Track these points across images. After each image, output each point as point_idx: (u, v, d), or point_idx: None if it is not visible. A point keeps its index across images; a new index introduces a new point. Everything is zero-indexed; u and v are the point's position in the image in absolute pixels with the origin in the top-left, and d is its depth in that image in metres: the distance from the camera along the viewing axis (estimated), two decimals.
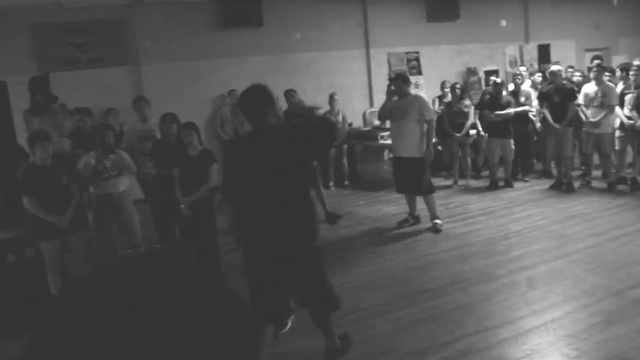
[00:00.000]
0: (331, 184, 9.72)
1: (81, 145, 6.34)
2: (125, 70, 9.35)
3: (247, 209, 3.52)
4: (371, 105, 11.50)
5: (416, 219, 7.29)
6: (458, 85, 9.45)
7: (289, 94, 7.79)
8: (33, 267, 5.09)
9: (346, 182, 9.89)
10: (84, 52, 9.04)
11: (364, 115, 11.40)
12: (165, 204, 5.93)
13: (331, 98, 9.54)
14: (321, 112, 7.17)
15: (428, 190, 6.97)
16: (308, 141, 3.42)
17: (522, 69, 9.81)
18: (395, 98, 6.91)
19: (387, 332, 4.39)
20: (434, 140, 7.23)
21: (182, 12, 9.72)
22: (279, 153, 3.34)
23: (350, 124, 10.23)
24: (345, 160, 9.93)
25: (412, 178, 6.91)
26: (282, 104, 7.73)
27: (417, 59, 12.09)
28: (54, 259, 4.97)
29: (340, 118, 9.66)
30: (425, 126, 6.81)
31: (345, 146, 9.90)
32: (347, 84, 11.23)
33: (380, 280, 5.50)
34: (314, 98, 9.99)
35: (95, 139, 5.79)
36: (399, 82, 6.95)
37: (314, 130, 3.49)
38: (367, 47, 11.54)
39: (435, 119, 7.25)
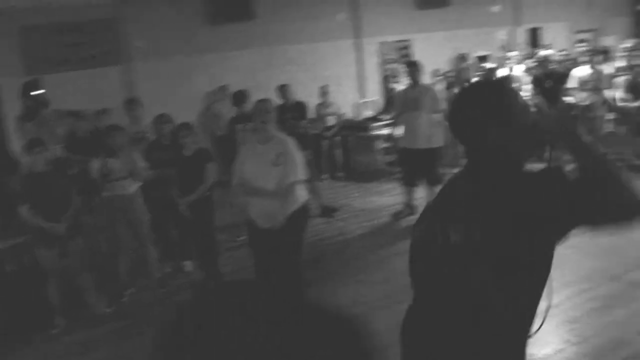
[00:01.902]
0: (325, 176, 9.70)
1: (75, 149, 6.31)
2: (118, 70, 9.30)
3: (419, 300, 2.14)
4: (363, 95, 11.47)
5: (412, 209, 7.27)
6: (450, 74, 9.44)
7: (284, 88, 7.80)
8: (32, 275, 5.09)
9: (340, 174, 9.88)
10: (75, 52, 8.98)
11: (355, 105, 11.38)
12: (161, 204, 5.91)
13: (323, 90, 9.53)
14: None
15: (438, 181, 6.96)
16: (557, 215, 1.73)
17: (512, 53, 9.79)
18: (402, 88, 6.84)
19: (390, 326, 4.36)
20: None
21: (172, 8, 9.64)
22: (481, 226, 1.85)
23: (342, 115, 10.21)
24: (338, 152, 9.92)
25: (426, 169, 6.89)
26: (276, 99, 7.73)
27: (408, 47, 12.05)
28: (52, 266, 4.97)
29: (332, 110, 9.65)
30: (438, 117, 6.76)
31: (338, 138, 9.87)
32: (339, 75, 11.19)
33: (379, 272, 5.51)
34: (307, 89, 9.99)
35: (95, 142, 5.76)
36: (415, 67, 6.92)
37: (581, 196, 1.75)
38: (359, 36, 11.50)
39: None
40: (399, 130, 7.18)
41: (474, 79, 9.43)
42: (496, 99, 1.81)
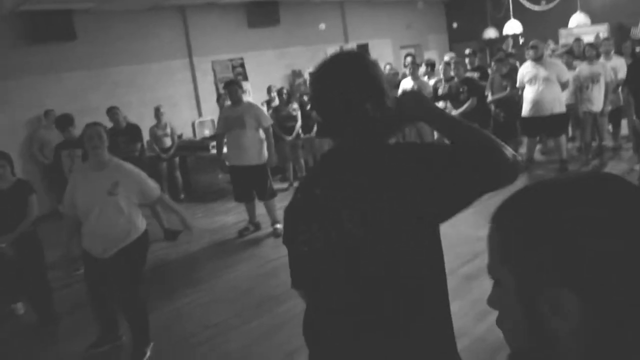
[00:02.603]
0: None
1: None
2: None
3: (323, 299, 1.85)
4: (200, 114, 11.30)
5: (257, 226, 7.26)
6: (285, 90, 9.56)
7: (112, 111, 7.39)
8: None
9: (182, 196, 9.61)
10: None
11: (193, 125, 11.17)
12: None
13: (157, 111, 9.22)
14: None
15: (271, 195, 6.99)
16: (447, 179, 1.71)
17: None
18: (227, 104, 6.82)
19: (243, 344, 4.30)
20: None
21: None
22: (376, 196, 1.69)
23: (180, 136, 9.96)
24: (178, 173, 9.64)
25: (255, 185, 6.90)
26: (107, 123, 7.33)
27: (242, 65, 12.08)
28: None
29: (168, 131, 9.38)
30: (262, 133, 6.82)
31: (177, 159, 9.61)
32: (173, 95, 10.92)
33: (228, 292, 5.39)
34: (139, 111, 9.62)
35: None
36: (234, 87, 6.88)
37: (463, 160, 1.75)
38: (190, 56, 11.32)
39: (271, 124, 7.21)
40: (225, 149, 7.19)
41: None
42: (365, 72, 1.72)
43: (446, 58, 9.46)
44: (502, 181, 1.64)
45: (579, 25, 12.34)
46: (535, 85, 7.83)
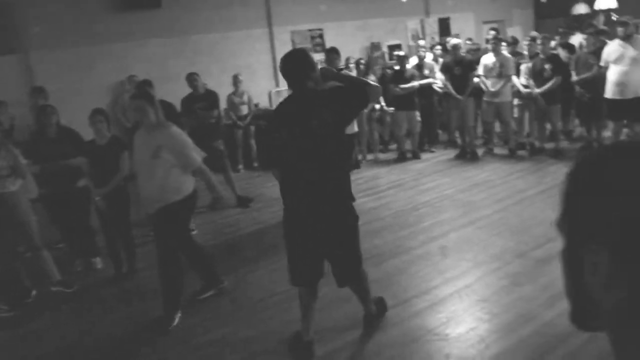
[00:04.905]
0: (240, 166, 9.56)
1: None
2: (14, 59, 8.73)
3: (289, 173, 3.56)
4: (277, 84, 11.38)
5: None
6: (362, 61, 9.46)
7: (192, 77, 7.52)
8: None
9: (255, 164, 9.76)
10: None
11: (269, 95, 11.27)
12: (54, 200, 5.62)
13: (235, 79, 9.35)
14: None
15: (354, 166, 7.22)
16: (344, 105, 3.50)
17: (422, 42, 9.97)
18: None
19: None
20: None
21: None
22: (315, 117, 3.39)
23: (256, 105, 10.07)
24: (253, 141, 9.77)
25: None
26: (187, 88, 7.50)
27: (321, 36, 12.04)
28: None
29: (245, 99, 9.50)
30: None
31: (253, 127, 9.73)
32: (251, 64, 11.03)
33: None
34: (219, 79, 9.77)
35: None
36: (333, 56, 7.14)
37: (350, 95, 3.53)
38: (270, 25, 11.37)
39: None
40: None
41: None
42: (308, 59, 3.51)
43: (533, 33, 9.09)
44: (368, 101, 3.62)
45: None
46: (621, 65, 7.41)
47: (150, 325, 4.49)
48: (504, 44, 9.17)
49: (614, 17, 11.84)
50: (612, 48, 7.57)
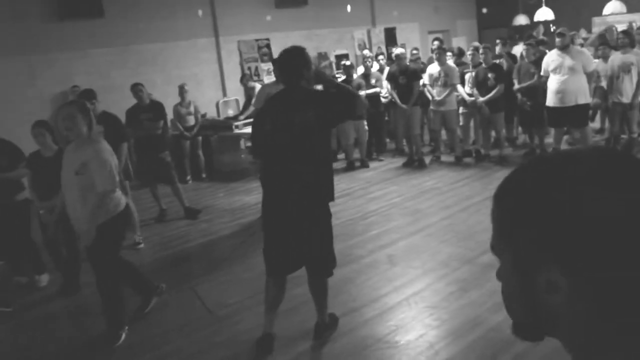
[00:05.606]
0: (188, 177, 9.44)
1: None
2: None
3: (268, 162, 3.75)
4: (224, 94, 11.30)
5: None
6: None
7: (136, 87, 7.37)
8: None
9: (204, 175, 9.65)
10: None
11: (217, 104, 11.17)
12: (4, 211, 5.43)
13: (181, 89, 9.22)
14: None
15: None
16: (329, 110, 3.62)
17: (366, 52, 10.07)
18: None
19: (256, 324, 4.29)
20: None
21: (13, 1, 8.85)
22: (300, 114, 3.54)
23: (203, 115, 9.95)
24: (200, 152, 9.66)
25: None
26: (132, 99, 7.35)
27: (268, 46, 12.02)
28: None
29: (192, 109, 9.38)
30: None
31: (200, 138, 9.62)
32: (197, 74, 10.92)
33: (245, 272, 5.39)
34: (164, 90, 9.63)
35: None
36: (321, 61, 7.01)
37: (338, 102, 3.66)
38: (217, 35, 11.29)
39: None
40: None
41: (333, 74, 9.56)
42: (304, 57, 3.68)
43: (475, 44, 9.32)
44: (354, 112, 3.78)
45: (614, 13, 12.01)
46: (560, 74, 7.66)
47: (95, 343, 4.35)
48: (449, 53, 9.36)
49: (553, 28, 12.25)
50: (551, 58, 7.82)
